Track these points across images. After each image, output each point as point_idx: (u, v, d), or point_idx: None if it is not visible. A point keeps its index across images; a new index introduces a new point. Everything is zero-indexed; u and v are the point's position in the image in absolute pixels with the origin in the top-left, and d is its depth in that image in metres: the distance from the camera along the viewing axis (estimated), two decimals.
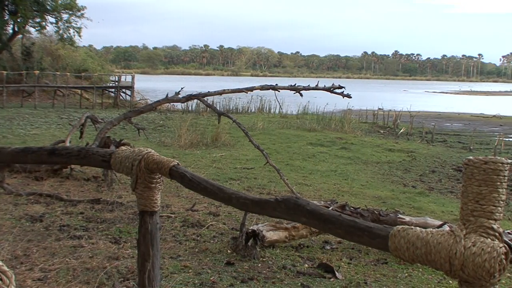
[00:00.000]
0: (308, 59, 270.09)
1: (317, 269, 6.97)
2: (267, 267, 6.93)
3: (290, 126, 26.85)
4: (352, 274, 6.88)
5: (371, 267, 7.22)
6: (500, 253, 1.90)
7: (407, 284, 6.67)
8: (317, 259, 7.36)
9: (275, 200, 2.59)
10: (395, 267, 7.24)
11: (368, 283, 6.59)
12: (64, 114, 30.35)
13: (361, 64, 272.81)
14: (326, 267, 6.98)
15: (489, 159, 1.97)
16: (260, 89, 12.17)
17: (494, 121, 40.40)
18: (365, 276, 6.85)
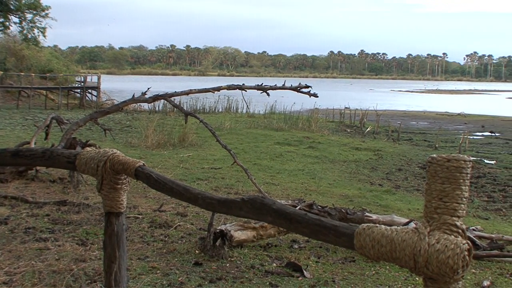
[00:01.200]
0: (275, 59, 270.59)
1: (285, 268, 6.98)
2: (235, 267, 6.93)
3: (257, 126, 26.88)
4: (320, 273, 6.91)
5: (339, 266, 7.26)
6: (463, 250, 1.92)
7: (375, 282, 6.71)
8: (285, 258, 7.38)
9: (241, 200, 2.59)
10: (362, 265, 7.28)
11: (336, 281, 6.62)
12: (29, 115, 30.00)
13: (328, 64, 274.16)
14: (294, 266, 6.99)
15: (452, 157, 1.99)
16: (227, 89, 12.15)
17: (459, 119, 40.90)
18: (333, 274, 6.88)
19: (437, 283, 1.96)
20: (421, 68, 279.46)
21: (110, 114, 17.65)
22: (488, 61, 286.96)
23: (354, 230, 2.12)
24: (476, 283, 6.82)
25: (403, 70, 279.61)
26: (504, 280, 7.07)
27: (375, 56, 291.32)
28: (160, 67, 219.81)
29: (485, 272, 7.34)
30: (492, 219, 11.47)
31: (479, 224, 10.07)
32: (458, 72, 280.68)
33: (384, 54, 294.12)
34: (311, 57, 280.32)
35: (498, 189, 14.69)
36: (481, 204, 12.92)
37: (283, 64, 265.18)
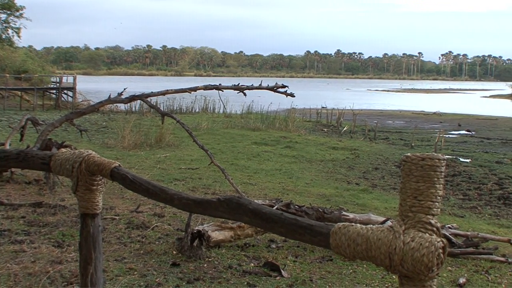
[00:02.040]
0: (251, 59, 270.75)
1: (263, 268, 6.98)
2: (213, 267, 6.91)
3: (234, 126, 26.87)
4: (298, 272, 6.92)
5: (317, 265, 7.27)
6: (438, 248, 1.94)
7: (352, 280, 6.74)
8: (263, 258, 7.38)
9: (217, 200, 2.58)
10: (340, 264, 7.31)
11: (314, 280, 6.64)
12: (3, 117, 29.71)
13: (304, 63, 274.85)
14: (272, 265, 7.00)
15: (426, 156, 2.00)
16: (203, 89, 12.13)
17: (435, 118, 41.21)
18: (310, 273, 6.89)
19: (412, 281, 1.98)
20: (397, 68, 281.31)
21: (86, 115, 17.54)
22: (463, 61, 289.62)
23: (329, 229, 2.13)
24: (452, 281, 6.88)
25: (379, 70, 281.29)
26: (480, 277, 7.13)
27: (352, 56, 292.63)
28: (136, 68, 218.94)
29: (461, 270, 7.40)
30: (467, 216, 11.58)
31: (454, 222, 10.15)
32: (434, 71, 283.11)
33: (361, 53, 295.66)
34: (288, 57, 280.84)
35: (473, 187, 14.82)
36: (457, 202, 13.03)
37: (260, 64, 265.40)
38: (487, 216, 11.82)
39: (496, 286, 6.85)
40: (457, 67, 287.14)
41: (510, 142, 26.47)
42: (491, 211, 12.34)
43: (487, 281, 6.99)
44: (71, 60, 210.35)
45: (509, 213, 12.20)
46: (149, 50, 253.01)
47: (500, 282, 6.97)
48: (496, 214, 12.09)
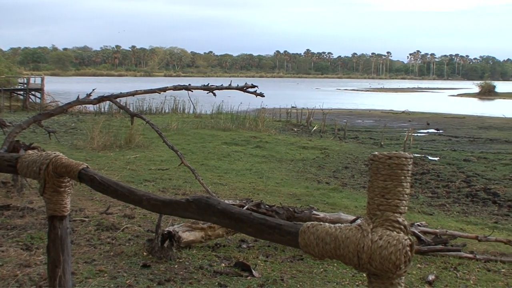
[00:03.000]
0: (221, 59, 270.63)
1: (234, 268, 6.98)
2: (184, 268, 6.89)
3: (204, 126, 26.81)
4: (269, 272, 6.93)
5: (287, 264, 7.29)
6: (405, 245, 1.95)
7: (323, 279, 6.77)
8: (233, 258, 7.38)
9: (186, 200, 2.57)
10: (311, 263, 7.33)
11: (285, 279, 6.65)
12: None
13: (274, 63, 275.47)
14: (243, 265, 7.00)
15: (393, 154, 2.02)
16: (173, 90, 12.07)
17: (403, 117, 41.54)
18: (281, 273, 6.91)
19: (380, 279, 1.99)
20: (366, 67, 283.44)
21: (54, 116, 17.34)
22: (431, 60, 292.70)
23: (298, 228, 2.13)
24: (422, 278, 6.94)
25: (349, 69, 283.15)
26: (448, 274, 7.21)
27: (321, 56, 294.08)
28: (105, 68, 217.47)
29: (430, 267, 7.47)
30: (436, 214, 11.69)
31: (424, 219, 10.24)
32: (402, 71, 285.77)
33: (330, 53, 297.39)
34: (258, 57, 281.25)
35: (442, 185, 14.98)
36: (426, 200, 13.15)
37: (230, 64, 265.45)
38: (455, 214, 11.95)
39: (464, 282, 6.93)
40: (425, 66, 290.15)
41: (477, 140, 26.79)
42: (459, 208, 12.48)
43: (456, 278, 7.06)
44: (38, 61, 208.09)
45: (477, 210, 12.35)
46: (118, 50, 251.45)
47: (468, 278, 7.05)
48: (464, 211, 12.23)
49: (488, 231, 9.71)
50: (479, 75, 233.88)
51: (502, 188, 14.45)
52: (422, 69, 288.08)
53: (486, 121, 38.71)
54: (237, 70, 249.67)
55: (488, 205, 12.92)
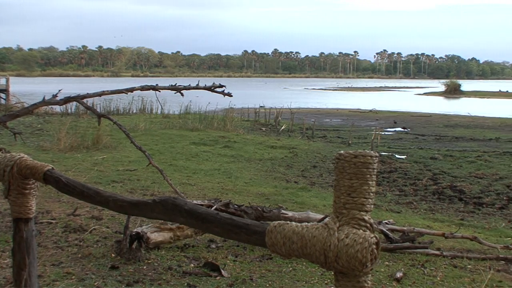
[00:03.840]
0: (189, 59, 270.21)
1: (203, 268, 6.97)
2: (153, 269, 6.87)
3: (172, 126, 26.70)
4: (238, 271, 6.93)
5: (256, 263, 7.30)
6: (371, 243, 1.97)
7: (292, 278, 6.79)
8: (202, 258, 7.36)
9: (152, 201, 2.56)
10: (279, 262, 7.35)
11: (254, 279, 6.66)
12: None
13: (242, 63, 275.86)
14: (212, 265, 6.99)
15: (358, 153, 2.03)
16: (140, 90, 11.99)
17: (371, 116, 41.83)
18: (250, 272, 6.91)
19: (347, 277, 2.00)
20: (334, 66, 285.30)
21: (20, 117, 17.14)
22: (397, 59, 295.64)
23: (265, 228, 2.14)
24: (390, 275, 7.00)
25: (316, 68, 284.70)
26: (416, 271, 7.28)
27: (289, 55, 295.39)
28: (72, 69, 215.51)
29: (398, 264, 7.54)
30: (403, 212, 11.80)
31: (391, 217, 10.33)
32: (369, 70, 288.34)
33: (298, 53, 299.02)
34: (225, 57, 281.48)
35: (409, 183, 15.11)
36: (393, 198, 13.26)
37: (198, 64, 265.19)
38: (422, 211, 12.06)
39: (432, 279, 7.00)
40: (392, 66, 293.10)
41: (443, 138, 27.08)
42: (426, 206, 12.61)
43: (423, 275, 7.13)
44: (3, 62, 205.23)
45: (443, 208, 12.49)
46: (85, 50, 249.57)
47: (435, 275, 7.13)
48: (431, 209, 12.35)
49: (455, 228, 9.83)
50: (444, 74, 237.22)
51: (468, 186, 14.63)
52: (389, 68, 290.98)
53: (452, 119, 39.15)
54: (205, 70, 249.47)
55: (455, 202, 13.07)
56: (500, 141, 25.91)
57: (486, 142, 25.51)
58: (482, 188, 14.38)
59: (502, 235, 9.93)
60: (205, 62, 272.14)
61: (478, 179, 15.62)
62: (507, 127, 33.65)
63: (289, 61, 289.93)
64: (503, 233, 10.17)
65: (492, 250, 8.37)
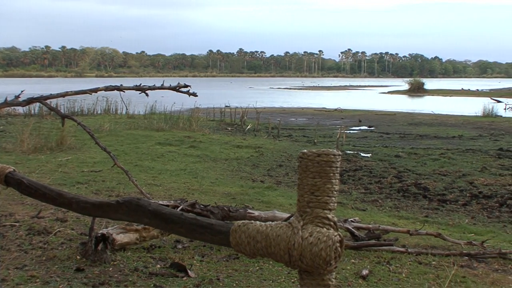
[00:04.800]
0: (154, 59, 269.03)
1: (170, 269, 6.94)
2: (119, 271, 6.82)
3: (137, 127, 26.52)
4: (205, 272, 6.92)
5: (223, 263, 7.30)
6: (335, 242, 1.98)
7: (259, 277, 6.80)
8: (169, 259, 7.34)
9: (116, 202, 2.54)
10: (246, 261, 7.35)
11: (221, 279, 6.66)
12: None
13: (207, 63, 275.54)
14: (179, 266, 6.97)
15: (321, 152, 2.04)
16: (105, 90, 11.89)
17: (336, 115, 42.04)
18: (217, 272, 6.91)
19: (311, 275, 2.01)
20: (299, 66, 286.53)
21: None
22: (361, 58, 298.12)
23: (229, 227, 2.14)
24: (356, 273, 7.05)
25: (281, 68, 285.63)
26: (382, 268, 7.35)
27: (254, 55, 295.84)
28: (34, 69, 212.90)
29: (364, 262, 7.59)
30: (369, 210, 11.89)
31: (357, 215, 10.40)
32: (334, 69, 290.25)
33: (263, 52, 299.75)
34: (191, 57, 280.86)
35: (374, 181, 15.23)
36: (359, 196, 13.35)
37: (162, 64, 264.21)
38: (387, 209, 12.17)
39: (397, 275, 7.07)
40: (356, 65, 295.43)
41: (407, 136, 27.35)
42: (391, 203, 12.72)
43: (389, 272, 7.20)
44: None
45: (408, 205, 12.61)
46: (48, 51, 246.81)
47: (400, 272, 7.21)
48: (396, 206, 12.47)
49: (419, 225, 9.94)
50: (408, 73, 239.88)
51: (432, 183, 14.80)
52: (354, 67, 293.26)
53: (416, 117, 39.54)
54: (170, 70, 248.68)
55: (419, 199, 13.21)
56: (463, 138, 26.28)
57: (450, 139, 25.85)
58: (446, 185, 14.57)
59: (466, 231, 10.08)
60: (170, 62, 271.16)
61: (442, 176, 15.81)
62: (469, 124, 34.12)
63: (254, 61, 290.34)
64: (466, 229, 10.32)
65: (456, 246, 8.48)
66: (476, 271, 7.42)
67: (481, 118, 38.81)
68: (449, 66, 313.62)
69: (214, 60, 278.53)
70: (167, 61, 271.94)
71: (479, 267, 7.62)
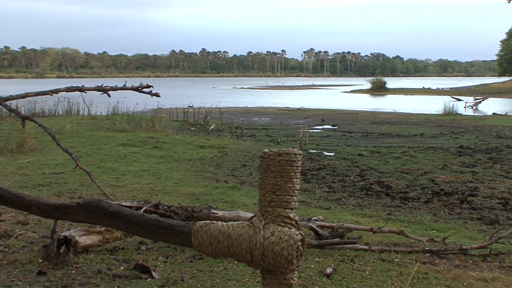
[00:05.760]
0: (116, 59, 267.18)
1: (133, 270, 6.90)
2: (82, 273, 6.75)
3: (100, 128, 26.27)
4: (169, 273, 6.89)
5: (188, 264, 7.27)
6: (296, 240, 1.98)
7: (223, 278, 6.79)
8: (133, 261, 7.29)
9: (77, 204, 2.51)
10: (211, 262, 7.34)
11: (185, 280, 6.64)
12: None
13: (170, 63, 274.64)
14: (143, 267, 6.93)
15: (282, 151, 2.05)
16: (66, 91, 11.76)
17: (299, 114, 42.22)
18: (181, 273, 6.88)
19: (274, 274, 2.02)
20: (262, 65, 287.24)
21: None
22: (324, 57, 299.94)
23: (191, 228, 2.13)
24: (320, 271, 7.09)
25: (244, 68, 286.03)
26: (346, 266, 7.40)
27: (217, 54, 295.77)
28: None
29: (328, 260, 7.63)
30: (332, 208, 11.96)
31: (321, 214, 10.44)
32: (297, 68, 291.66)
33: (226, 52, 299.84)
34: (153, 57, 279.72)
35: (338, 179, 15.32)
36: (322, 195, 13.42)
37: (125, 64, 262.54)
38: (351, 207, 12.26)
39: (361, 273, 7.13)
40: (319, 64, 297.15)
41: (370, 135, 27.59)
42: (355, 202, 12.81)
43: (353, 269, 7.26)
44: None
45: (371, 203, 12.72)
46: (7, 51, 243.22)
47: (364, 270, 7.26)
48: (359, 204, 12.57)
49: (382, 222, 10.03)
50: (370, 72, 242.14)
51: (394, 181, 14.94)
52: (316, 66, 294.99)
53: (378, 116, 39.93)
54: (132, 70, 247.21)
55: (382, 197, 13.33)
56: (424, 136, 26.61)
57: (411, 138, 26.14)
58: (408, 183, 14.72)
59: (428, 228, 10.20)
60: (132, 62, 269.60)
61: (404, 174, 15.98)
62: (430, 123, 34.57)
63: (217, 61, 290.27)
64: (428, 226, 10.44)
65: (418, 243, 8.58)
66: (438, 267, 7.52)
67: (442, 116, 39.38)
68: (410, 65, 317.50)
69: (177, 60, 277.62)
70: (130, 61, 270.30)
71: (440, 263, 7.72)
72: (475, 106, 53.02)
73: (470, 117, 40.04)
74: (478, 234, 9.96)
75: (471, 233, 10.03)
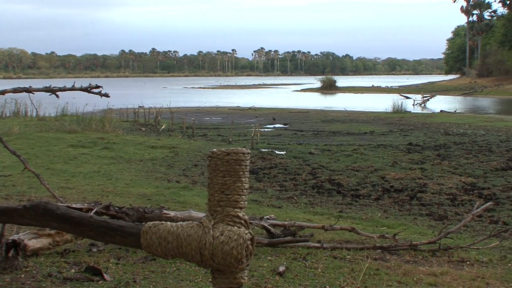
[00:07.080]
0: (64, 59, 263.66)
1: (85, 273, 6.82)
2: (32, 277, 6.64)
3: (49, 129, 25.86)
4: (121, 274, 6.83)
5: (140, 265, 7.22)
6: (246, 240, 1.99)
7: (176, 278, 6.76)
8: (84, 263, 7.20)
9: (23, 207, 2.47)
10: (163, 262, 7.29)
11: (138, 281, 6.59)
12: None
13: (120, 63, 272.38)
14: (94, 270, 6.85)
15: (231, 150, 2.05)
16: (13, 92, 11.50)
17: (250, 113, 42.30)
18: (134, 274, 6.83)
19: (224, 274, 2.02)
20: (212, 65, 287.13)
21: None
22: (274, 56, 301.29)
23: (140, 229, 2.11)
24: (273, 270, 7.11)
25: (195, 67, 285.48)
26: (298, 264, 7.44)
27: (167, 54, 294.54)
28: None
29: (280, 258, 7.66)
30: (285, 207, 12.00)
31: (273, 212, 10.47)
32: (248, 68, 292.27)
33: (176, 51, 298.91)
34: (102, 57, 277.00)
35: (289, 178, 15.39)
36: (274, 194, 13.46)
37: (73, 65, 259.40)
38: (303, 205, 12.32)
39: (313, 271, 7.17)
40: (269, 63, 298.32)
41: (321, 133, 27.81)
42: (306, 200, 12.89)
43: (305, 267, 7.30)
44: None
45: (323, 201, 12.82)
46: None
47: (316, 267, 7.31)
48: (311, 202, 12.65)
49: (334, 220, 10.12)
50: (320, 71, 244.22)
51: (345, 179, 15.09)
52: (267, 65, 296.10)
53: (329, 114, 40.28)
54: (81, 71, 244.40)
55: (333, 195, 13.44)
56: (374, 134, 26.95)
57: (361, 135, 26.44)
58: (359, 181, 14.88)
59: (378, 225, 10.32)
60: (81, 63, 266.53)
61: (355, 172, 16.15)
62: (380, 120, 35.02)
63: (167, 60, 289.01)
64: (379, 223, 10.58)
65: (369, 240, 8.67)
66: (389, 263, 7.62)
67: (391, 114, 39.93)
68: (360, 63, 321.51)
69: (127, 60, 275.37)
70: (78, 61, 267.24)
71: (391, 259, 7.82)
72: (423, 104, 53.98)
73: (418, 114, 40.70)
74: (428, 230, 10.13)
75: (421, 229, 10.19)
